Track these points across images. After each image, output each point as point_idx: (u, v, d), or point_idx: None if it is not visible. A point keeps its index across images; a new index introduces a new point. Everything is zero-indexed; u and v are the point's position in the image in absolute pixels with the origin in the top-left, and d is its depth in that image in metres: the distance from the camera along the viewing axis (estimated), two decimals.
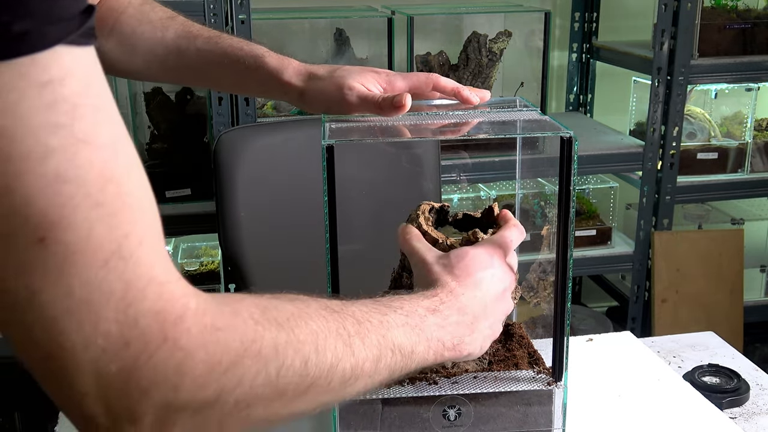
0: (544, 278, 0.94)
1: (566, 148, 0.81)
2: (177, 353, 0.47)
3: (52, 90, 0.43)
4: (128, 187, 0.46)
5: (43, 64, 0.43)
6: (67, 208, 0.43)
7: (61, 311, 0.44)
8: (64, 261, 0.44)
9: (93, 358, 0.45)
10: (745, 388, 1.12)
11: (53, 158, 0.43)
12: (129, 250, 0.46)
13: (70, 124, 0.43)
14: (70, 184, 0.43)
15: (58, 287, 0.44)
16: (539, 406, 0.88)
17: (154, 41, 0.99)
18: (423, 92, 0.97)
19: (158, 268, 0.47)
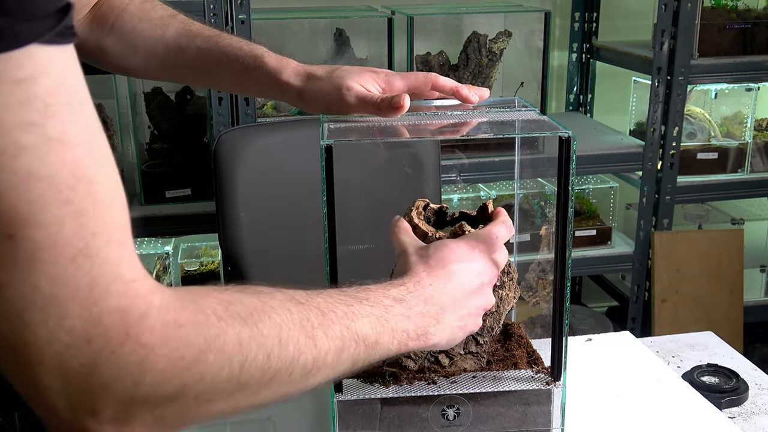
0: (543, 278, 0.94)
1: (565, 148, 0.81)
2: (139, 350, 0.48)
3: (25, 88, 0.43)
4: (99, 185, 0.47)
5: (17, 61, 0.43)
6: (37, 206, 0.44)
7: (27, 305, 0.45)
8: (32, 257, 0.44)
9: (56, 352, 0.46)
10: (744, 388, 1.12)
11: (24, 156, 0.43)
12: (96, 248, 0.46)
13: (42, 122, 0.44)
14: (41, 182, 0.44)
15: (25, 282, 0.44)
16: (538, 406, 0.88)
17: (154, 39, 0.99)
18: (422, 92, 0.97)
19: (125, 266, 0.48)
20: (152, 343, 0.48)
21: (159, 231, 2.13)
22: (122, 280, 0.48)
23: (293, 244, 1.56)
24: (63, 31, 0.45)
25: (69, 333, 0.46)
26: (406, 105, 0.87)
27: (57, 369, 0.46)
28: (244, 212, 1.55)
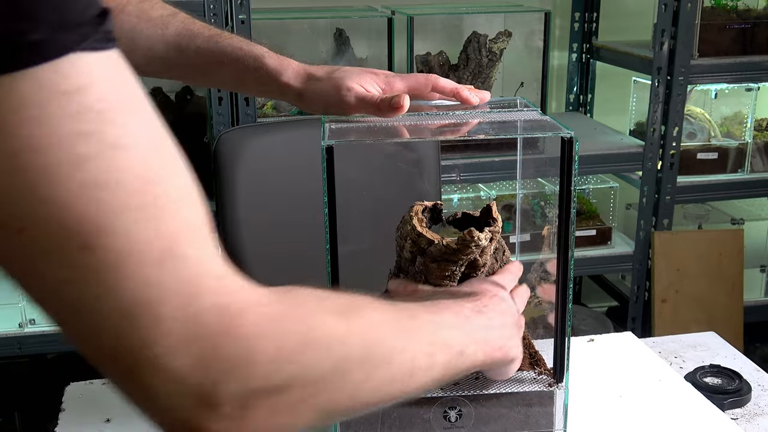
0: (545, 278, 0.94)
1: (567, 149, 0.80)
2: (243, 343, 0.47)
3: (76, 99, 0.43)
4: (169, 185, 0.46)
5: (63, 72, 0.42)
6: (108, 214, 0.43)
7: (121, 314, 0.44)
8: (115, 266, 0.43)
9: (158, 355, 0.45)
10: (747, 389, 1.12)
11: (86, 166, 0.43)
12: (180, 248, 0.46)
13: (99, 130, 0.43)
14: (108, 190, 0.43)
15: (114, 292, 0.44)
16: (540, 407, 0.88)
17: (154, 39, 0.99)
18: (422, 93, 0.96)
19: (211, 263, 0.48)
20: (255, 336, 0.48)
21: None
22: (212, 277, 0.47)
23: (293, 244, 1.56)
24: (104, 36, 0.45)
25: (168, 335, 0.45)
26: (406, 105, 0.87)
27: (164, 372, 0.45)
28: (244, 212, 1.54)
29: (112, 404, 1.05)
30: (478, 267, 0.87)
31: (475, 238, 0.82)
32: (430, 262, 0.85)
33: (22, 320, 2.09)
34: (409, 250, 0.87)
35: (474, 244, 0.82)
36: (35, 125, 0.41)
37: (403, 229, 0.88)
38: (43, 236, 0.43)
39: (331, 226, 0.82)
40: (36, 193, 0.42)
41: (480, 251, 0.85)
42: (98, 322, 0.44)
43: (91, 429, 1.00)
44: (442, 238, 0.85)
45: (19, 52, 0.41)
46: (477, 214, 0.91)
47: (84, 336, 0.45)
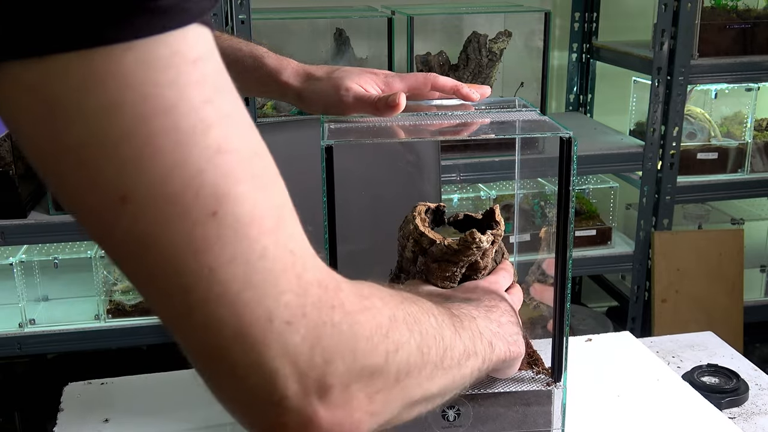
0: (543, 280, 0.94)
1: (566, 149, 0.81)
2: (346, 317, 0.47)
3: (201, 67, 0.43)
4: (267, 160, 0.46)
5: (189, 41, 0.42)
6: (232, 180, 0.43)
7: (243, 285, 0.43)
8: (237, 233, 0.43)
9: (279, 330, 0.44)
10: (744, 388, 1.12)
11: (213, 131, 0.42)
12: (286, 220, 0.46)
13: (218, 99, 0.43)
14: (231, 155, 0.43)
15: (237, 261, 0.43)
16: (538, 407, 0.88)
17: None
18: (422, 92, 0.97)
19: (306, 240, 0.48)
20: (354, 310, 0.48)
21: None
22: (310, 254, 0.47)
23: None
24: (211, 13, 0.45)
25: (287, 308, 0.44)
26: (402, 103, 0.87)
27: (283, 348, 0.44)
28: None
29: (111, 404, 1.05)
30: (479, 269, 0.87)
31: (477, 239, 0.83)
32: (431, 262, 0.85)
33: (22, 320, 2.10)
34: (411, 250, 0.87)
35: (475, 245, 0.83)
36: (169, 90, 0.41)
37: (405, 229, 0.89)
38: (173, 202, 0.42)
39: (331, 226, 0.82)
40: (168, 156, 0.41)
41: (481, 253, 0.85)
42: (222, 295, 0.43)
43: (90, 429, 1.00)
44: (444, 238, 0.85)
45: (153, 17, 0.41)
46: (479, 216, 0.91)
47: (205, 315, 0.43)
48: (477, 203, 2.41)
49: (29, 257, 2.14)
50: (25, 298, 2.11)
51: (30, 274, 2.16)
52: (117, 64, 0.40)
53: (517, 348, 0.78)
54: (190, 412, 1.02)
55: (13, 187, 2.00)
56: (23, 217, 2.02)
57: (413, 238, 0.86)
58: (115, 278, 2.16)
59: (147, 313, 2.15)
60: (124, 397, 1.07)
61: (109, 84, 0.40)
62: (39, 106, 0.40)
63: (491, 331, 0.71)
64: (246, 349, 0.44)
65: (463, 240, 0.83)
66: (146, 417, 1.02)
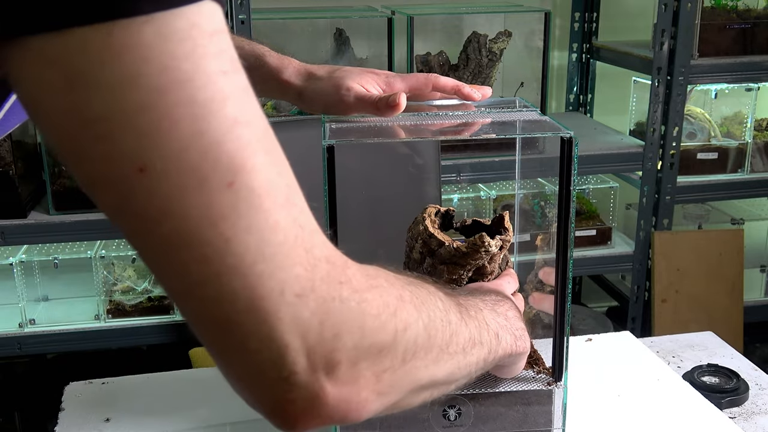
0: (541, 288, 0.95)
1: (566, 149, 0.81)
2: (354, 294, 0.47)
3: (218, 40, 0.43)
4: (274, 138, 0.47)
5: (206, 14, 0.43)
6: (248, 152, 0.43)
7: (257, 256, 0.43)
8: (252, 205, 0.43)
9: (290, 303, 0.44)
10: (745, 388, 1.12)
11: (230, 103, 0.43)
12: (294, 197, 0.46)
13: (234, 72, 0.44)
14: (247, 127, 0.44)
15: (252, 232, 0.43)
16: (539, 406, 0.88)
17: None
18: (423, 92, 0.97)
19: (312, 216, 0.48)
20: (362, 288, 0.48)
21: None
22: (317, 230, 0.47)
23: None
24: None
25: (297, 281, 0.44)
26: (403, 103, 0.87)
27: (293, 321, 0.44)
28: None
29: (112, 404, 1.05)
30: (486, 274, 0.87)
31: (486, 243, 0.83)
32: (438, 263, 0.86)
33: (22, 320, 2.10)
34: (419, 251, 0.87)
35: (484, 249, 0.83)
36: (187, 62, 0.42)
37: (414, 230, 0.89)
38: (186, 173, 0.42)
39: (332, 226, 0.82)
40: (186, 127, 0.42)
41: (489, 258, 0.86)
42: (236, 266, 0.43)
43: (91, 429, 1.00)
44: (452, 241, 0.85)
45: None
46: (488, 222, 0.92)
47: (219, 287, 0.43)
48: (477, 203, 2.41)
49: (29, 257, 2.14)
50: (25, 298, 2.11)
51: (30, 274, 2.16)
52: (135, 37, 0.40)
53: (524, 343, 0.78)
54: (191, 412, 1.03)
55: (13, 187, 2.00)
56: (23, 217, 2.02)
57: (422, 239, 0.86)
58: (115, 278, 2.16)
59: (147, 313, 2.15)
60: (125, 396, 1.07)
61: (128, 56, 0.40)
62: (58, 80, 0.40)
63: (498, 323, 0.71)
64: (258, 321, 0.44)
65: (472, 243, 0.84)
66: (147, 416, 1.02)
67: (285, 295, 0.44)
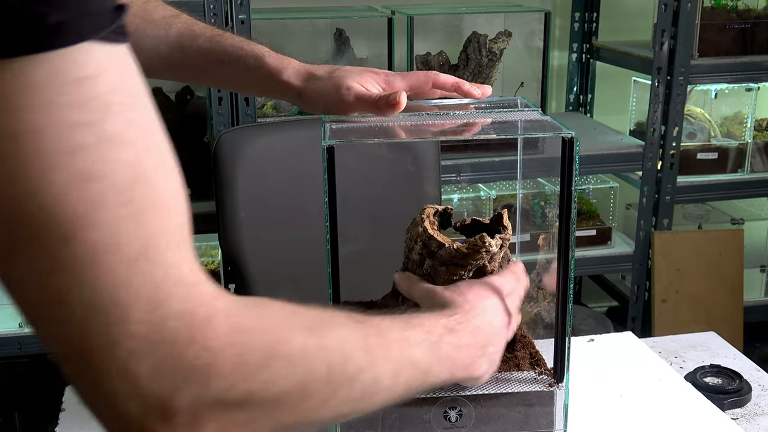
0: (542, 287, 0.94)
1: (567, 149, 0.80)
2: (205, 354, 0.47)
3: (87, 87, 0.43)
4: (157, 186, 0.46)
5: (80, 60, 0.42)
6: (94, 206, 0.43)
7: (90, 310, 0.44)
8: (91, 260, 0.43)
9: (122, 357, 0.45)
10: (747, 389, 1.12)
11: (82, 156, 0.42)
12: (156, 250, 0.45)
13: (101, 121, 0.43)
14: (99, 182, 0.43)
15: (86, 286, 0.43)
16: (541, 407, 0.88)
17: (157, 40, 0.99)
18: (423, 91, 0.96)
19: (185, 268, 0.47)
20: (218, 347, 0.47)
21: None
22: (184, 283, 0.47)
23: (294, 244, 1.56)
24: (119, 29, 0.45)
25: (133, 337, 0.45)
26: (403, 102, 0.87)
27: (124, 374, 0.45)
28: (244, 212, 1.54)
29: None
30: (486, 274, 0.87)
31: (486, 243, 0.82)
32: (438, 265, 0.85)
33: (22, 320, 2.09)
34: (419, 252, 0.87)
35: (485, 249, 0.82)
36: (41, 110, 0.41)
37: (413, 231, 0.88)
38: (29, 224, 0.42)
39: (332, 226, 0.82)
40: (29, 179, 0.42)
41: (489, 257, 0.85)
42: (68, 316, 0.44)
43: (91, 429, 1.00)
44: (452, 242, 0.84)
45: (38, 35, 0.41)
46: (487, 221, 0.91)
47: (53, 329, 0.45)
48: (477, 203, 2.40)
49: None
50: None
51: None
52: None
53: (469, 372, 0.75)
54: None
55: None
56: None
57: (421, 241, 0.86)
58: None
59: None
60: None
61: None
62: None
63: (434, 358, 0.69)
64: (90, 369, 0.45)
65: (472, 244, 0.83)
66: None
67: (117, 350, 0.45)
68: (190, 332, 0.46)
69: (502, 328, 0.82)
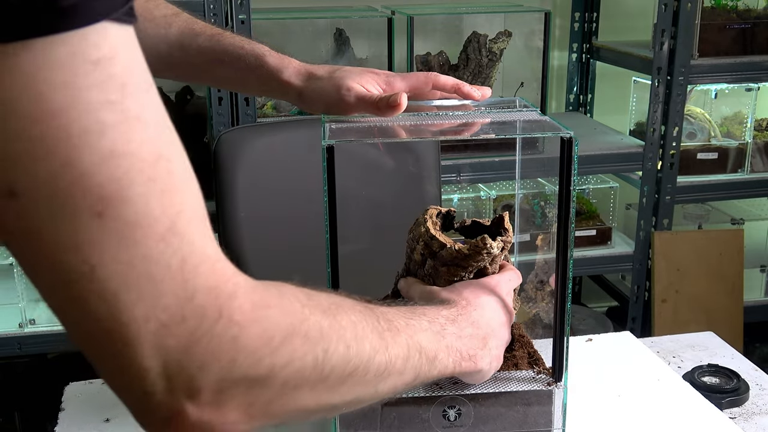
0: (541, 288, 0.94)
1: (566, 149, 0.81)
2: (232, 328, 0.48)
3: (104, 67, 0.43)
4: (176, 164, 0.47)
5: (94, 41, 0.43)
6: (123, 183, 0.44)
7: (122, 285, 0.44)
8: (123, 235, 0.44)
9: (154, 331, 0.45)
10: (745, 389, 1.12)
11: (108, 134, 0.43)
12: (182, 226, 0.46)
13: (121, 101, 0.44)
14: (126, 159, 0.44)
15: (118, 261, 0.44)
16: (539, 407, 0.88)
17: (157, 38, 0.99)
18: (423, 92, 0.97)
19: (209, 245, 0.48)
20: (244, 322, 0.48)
21: None
22: (210, 259, 0.48)
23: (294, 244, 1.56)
24: (129, 11, 0.45)
25: (165, 311, 0.45)
26: (404, 103, 0.87)
27: (155, 349, 0.45)
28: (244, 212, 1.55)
29: (112, 404, 1.04)
30: (487, 275, 0.87)
31: (488, 245, 0.83)
32: (440, 265, 0.85)
33: (22, 320, 2.09)
34: (420, 253, 0.87)
35: (486, 251, 0.83)
36: (64, 91, 0.42)
37: (415, 231, 0.88)
38: (54, 200, 0.43)
39: (332, 226, 0.82)
40: (58, 159, 0.42)
41: (491, 259, 0.85)
42: (100, 292, 0.44)
43: (91, 429, 1.00)
44: (454, 242, 0.85)
45: (52, 16, 0.41)
46: (488, 222, 0.91)
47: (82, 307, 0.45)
48: (477, 203, 2.41)
49: None
50: (25, 298, 2.11)
51: None
52: (13, 63, 0.41)
53: (473, 363, 0.76)
54: None
55: None
56: None
57: (423, 241, 0.86)
58: None
59: None
60: None
61: (5, 82, 0.41)
62: None
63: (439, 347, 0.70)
64: (120, 345, 0.45)
65: (473, 245, 0.83)
66: None
67: (149, 324, 0.45)
68: (218, 306, 0.47)
69: (502, 325, 0.83)
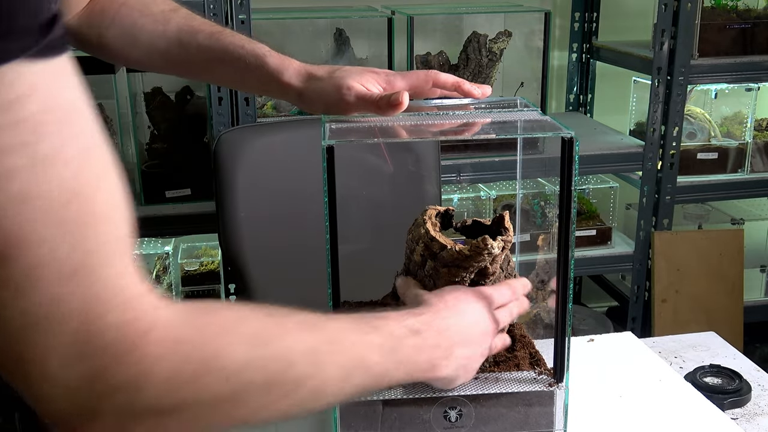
0: (542, 288, 0.94)
1: (567, 149, 0.80)
2: (140, 362, 0.48)
3: (18, 108, 0.42)
4: (94, 201, 0.46)
5: (7, 81, 0.42)
6: (30, 226, 0.44)
7: (26, 324, 0.45)
8: (28, 276, 0.44)
9: (57, 366, 0.46)
10: (747, 389, 1.12)
11: (17, 177, 0.43)
12: (94, 265, 0.46)
13: (34, 142, 0.43)
14: (35, 202, 0.44)
15: (20, 303, 0.45)
16: (540, 407, 0.88)
17: (155, 34, 0.99)
18: (423, 90, 0.96)
19: (126, 281, 0.48)
20: (153, 357, 0.49)
21: (159, 231, 2.13)
22: (123, 296, 0.48)
23: (293, 244, 1.56)
24: (51, 43, 0.44)
25: (69, 348, 0.46)
26: (405, 102, 0.87)
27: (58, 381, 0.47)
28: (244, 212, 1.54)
29: None
30: (488, 275, 0.87)
31: (489, 245, 0.82)
32: (440, 266, 0.85)
33: None
34: (420, 254, 0.87)
35: (487, 251, 0.82)
36: None
37: (415, 232, 0.88)
38: None
39: (332, 226, 0.82)
40: None
41: (491, 259, 0.85)
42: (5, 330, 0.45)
43: None
44: (455, 243, 0.84)
45: None
46: (488, 222, 0.91)
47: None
48: (477, 203, 2.40)
49: None
50: None
51: None
52: None
53: (431, 373, 0.75)
54: None
55: None
56: None
57: (423, 242, 0.86)
58: None
59: None
60: None
61: None
62: None
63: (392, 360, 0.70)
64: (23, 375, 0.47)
65: (474, 246, 0.83)
66: None
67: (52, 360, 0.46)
68: (127, 343, 0.48)
69: (483, 334, 0.81)
